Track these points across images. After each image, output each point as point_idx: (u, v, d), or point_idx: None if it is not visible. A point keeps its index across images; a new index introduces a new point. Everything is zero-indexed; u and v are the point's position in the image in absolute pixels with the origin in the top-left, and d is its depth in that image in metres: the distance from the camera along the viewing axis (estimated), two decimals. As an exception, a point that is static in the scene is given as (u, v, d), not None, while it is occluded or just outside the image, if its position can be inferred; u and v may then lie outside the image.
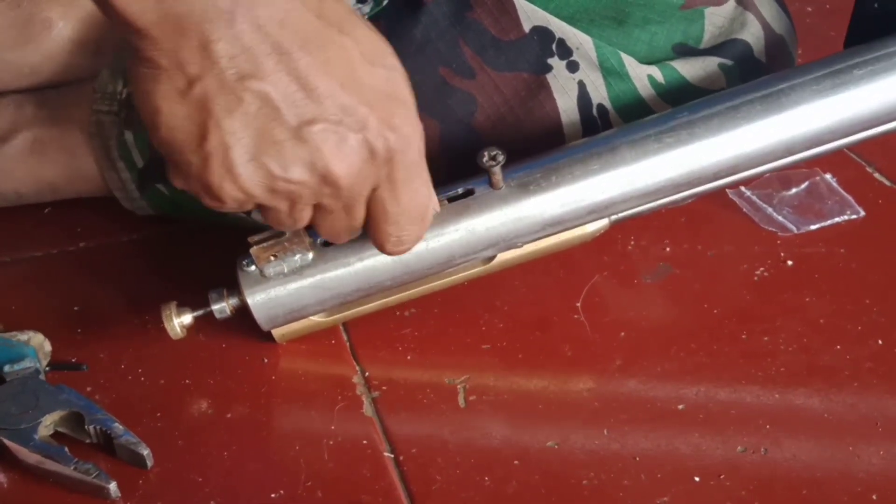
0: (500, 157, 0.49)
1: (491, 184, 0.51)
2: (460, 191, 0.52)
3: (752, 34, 0.62)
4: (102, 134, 0.61)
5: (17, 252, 0.63)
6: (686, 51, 0.61)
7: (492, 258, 0.52)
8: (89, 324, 0.56)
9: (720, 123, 0.52)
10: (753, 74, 0.61)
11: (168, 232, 0.65)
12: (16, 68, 0.65)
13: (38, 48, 0.65)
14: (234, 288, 0.50)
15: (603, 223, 0.53)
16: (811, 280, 0.59)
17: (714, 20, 0.62)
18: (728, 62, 0.61)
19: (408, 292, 0.53)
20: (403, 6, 0.62)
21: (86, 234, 0.64)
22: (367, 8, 0.63)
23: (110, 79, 0.61)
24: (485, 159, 0.49)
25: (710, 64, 0.61)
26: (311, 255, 0.49)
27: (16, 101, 0.64)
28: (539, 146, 0.58)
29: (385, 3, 0.63)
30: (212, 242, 0.62)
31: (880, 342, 0.54)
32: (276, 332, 0.52)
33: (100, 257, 0.63)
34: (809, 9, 0.95)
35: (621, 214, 0.53)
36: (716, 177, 0.52)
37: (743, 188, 0.66)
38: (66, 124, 0.63)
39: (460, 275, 0.53)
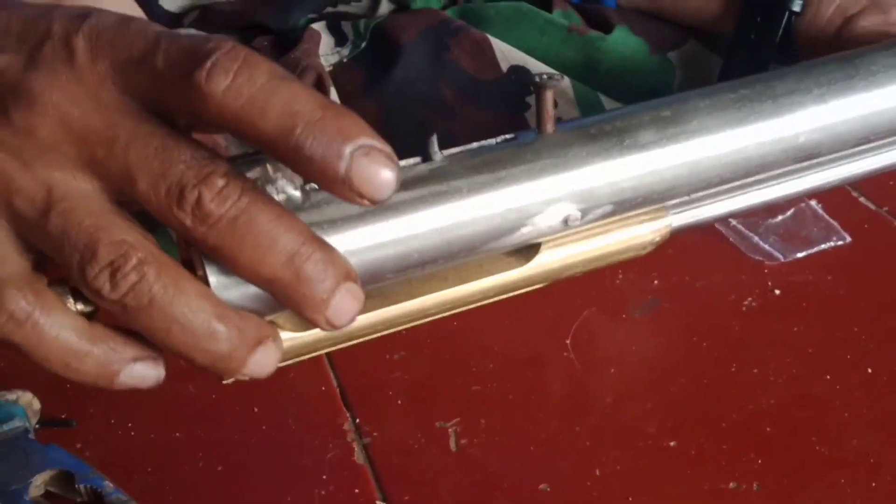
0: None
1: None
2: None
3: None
4: None
5: None
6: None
7: (533, 254, 0.38)
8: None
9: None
10: None
11: None
12: None
13: None
14: None
15: (665, 226, 0.41)
16: (799, 309, 0.59)
17: (681, 62, 0.64)
18: None
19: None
20: (382, 49, 0.63)
21: None
22: (346, 51, 0.64)
23: None
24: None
25: None
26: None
27: None
28: None
29: (363, 45, 0.64)
30: None
31: (870, 370, 0.54)
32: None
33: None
34: None
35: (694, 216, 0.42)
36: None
37: (730, 217, 0.66)
38: None
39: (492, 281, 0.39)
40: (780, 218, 0.67)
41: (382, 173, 0.25)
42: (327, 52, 0.63)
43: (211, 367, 0.28)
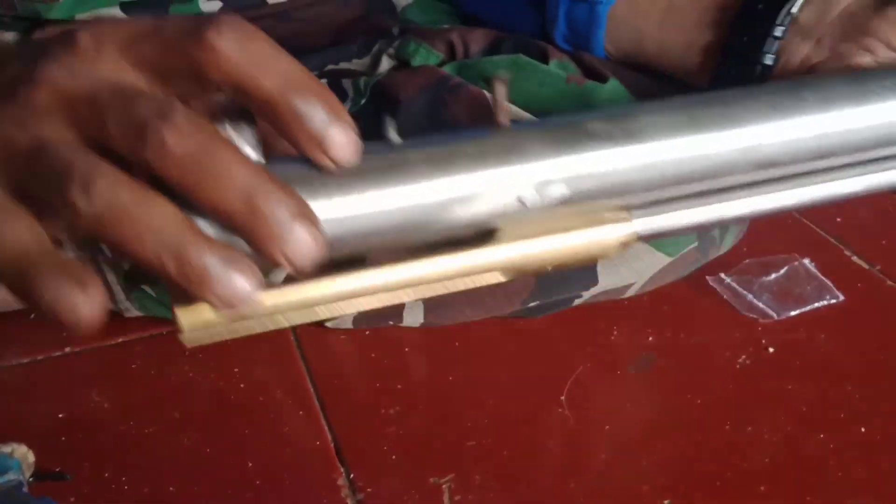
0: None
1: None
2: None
3: None
4: None
5: (2, 359, 0.63)
6: None
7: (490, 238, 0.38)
8: (74, 432, 0.56)
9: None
10: None
11: (155, 334, 0.65)
12: None
13: None
14: None
15: (629, 230, 0.40)
16: (793, 367, 0.60)
17: None
18: None
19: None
20: (381, 104, 0.63)
21: (72, 338, 0.64)
22: (346, 107, 0.64)
23: None
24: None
25: None
26: None
27: None
28: None
29: (363, 101, 0.64)
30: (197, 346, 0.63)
31: (863, 430, 0.54)
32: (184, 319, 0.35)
33: (86, 363, 0.63)
34: None
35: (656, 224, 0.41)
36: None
37: (722, 275, 0.67)
38: None
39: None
40: (773, 276, 0.67)
41: (353, 141, 0.30)
42: None
43: (184, 280, 0.29)
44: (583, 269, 0.63)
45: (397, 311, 0.62)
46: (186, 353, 0.62)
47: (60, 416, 0.57)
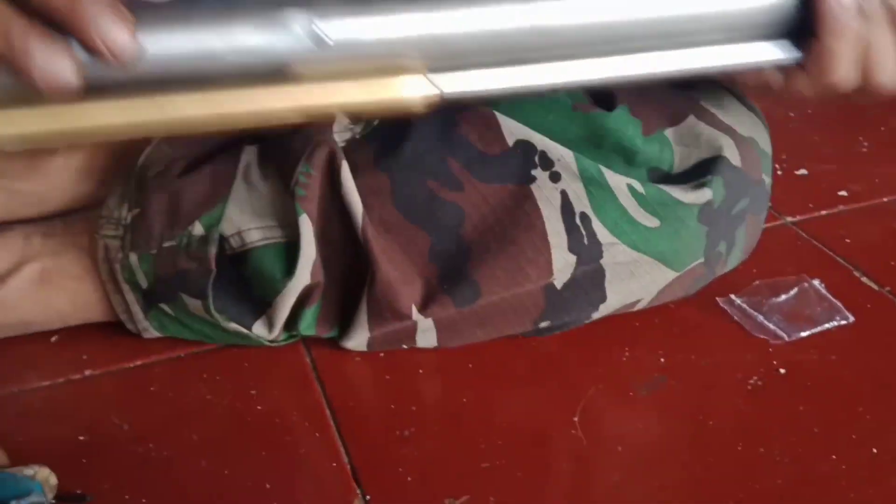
0: None
1: None
2: None
3: (731, 150, 0.64)
4: (108, 258, 0.62)
5: (24, 383, 0.63)
6: (660, 177, 0.64)
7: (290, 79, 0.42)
8: (94, 454, 0.56)
9: None
10: (734, 181, 0.63)
11: (172, 357, 0.65)
12: (23, 197, 0.66)
13: (45, 177, 0.66)
14: None
15: (432, 89, 0.44)
16: (804, 388, 0.60)
17: (677, 139, 0.64)
18: (708, 177, 0.63)
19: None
20: (393, 125, 0.64)
21: (92, 361, 0.64)
22: (358, 128, 0.65)
23: (116, 205, 0.62)
24: None
25: (702, 191, 0.63)
26: None
27: (23, 233, 0.65)
28: (526, 253, 0.60)
29: (376, 123, 0.65)
30: (215, 364, 0.63)
31: (875, 451, 0.54)
32: None
33: (106, 385, 0.63)
34: (792, 114, 0.98)
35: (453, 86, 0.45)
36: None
37: (733, 296, 0.67)
38: (73, 253, 0.64)
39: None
40: (783, 297, 0.67)
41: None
42: (341, 129, 0.64)
43: (10, 56, 0.36)
44: (592, 287, 0.63)
45: (410, 334, 0.62)
46: (204, 376, 0.62)
47: (81, 438, 0.57)
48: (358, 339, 0.63)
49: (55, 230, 0.65)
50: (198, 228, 0.60)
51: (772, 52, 0.48)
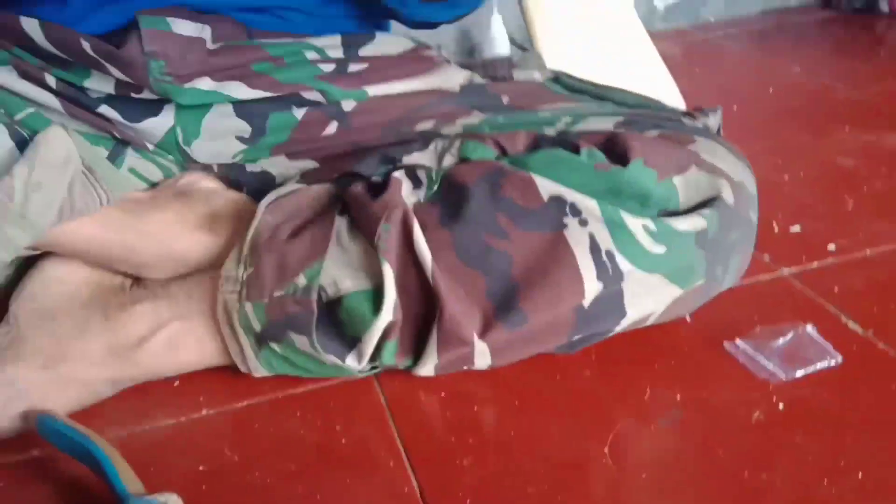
0: None
1: None
2: None
3: (726, 190, 0.66)
4: (227, 310, 0.64)
5: (154, 421, 0.64)
6: (668, 215, 0.65)
7: None
8: (212, 481, 0.57)
9: None
10: (727, 216, 0.65)
11: (271, 398, 0.66)
12: (179, 258, 0.70)
13: (198, 240, 0.69)
14: None
15: None
16: (800, 421, 0.59)
17: (683, 185, 0.65)
18: (706, 212, 0.64)
19: None
20: (450, 190, 0.65)
21: (207, 402, 0.65)
22: (422, 193, 0.66)
23: (234, 266, 0.64)
24: None
25: (695, 219, 0.64)
26: None
27: (152, 305, 0.66)
28: (562, 284, 0.61)
29: (436, 188, 0.67)
30: (306, 404, 0.64)
31: (860, 475, 0.53)
32: None
33: (219, 422, 0.64)
34: (786, 177, 0.97)
35: None
36: None
37: (737, 340, 0.66)
38: (196, 318, 0.66)
39: None
40: (781, 341, 0.66)
41: None
42: (407, 194, 0.65)
43: None
44: (614, 305, 0.63)
45: (470, 358, 0.63)
46: (297, 414, 0.63)
47: (201, 468, 0.58)
48: (428, 367, 0.64)
49: (176, 297, 0.67)
50: (302, 280, 0.62)
51: None
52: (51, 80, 0.71)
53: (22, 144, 0.62)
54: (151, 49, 0.70)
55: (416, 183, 0.66)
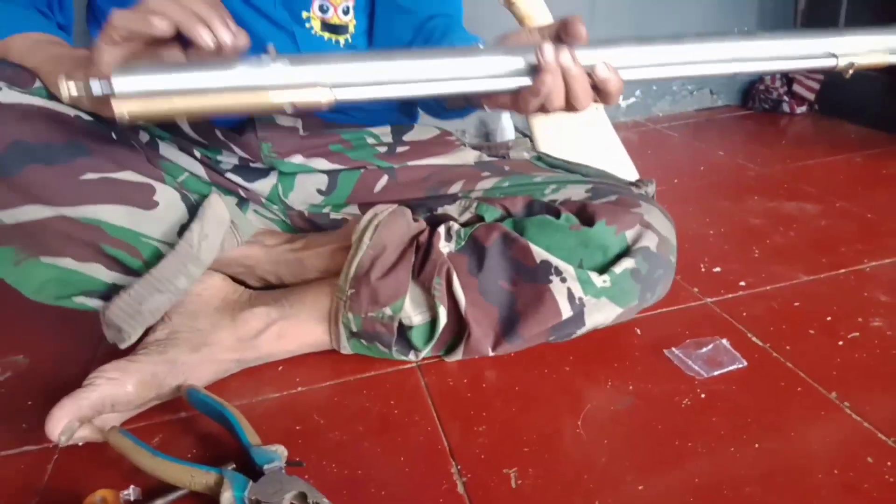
0: None
1: None
2: None
3: (653, 241, 0.68)
4: (336, 311, 0.67)
5: (265, 394, 0.66)
6: (621, 254, 0.67)
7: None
8: (306, 437, 0.59)
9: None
10: (653, 262, 0.67)
11: (347, 380, 0.67)
12: (303, 268, 0.72)
13: (318, 258, 0.72)
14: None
15: (330, 98, 0.50)
16: (716, 407, 0.60)
17: (631, 236, 0.67)
18: (638, 257, 0.67)
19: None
20: (475, 246, 0.67)
21: (302, 382, 0.67)
22: (453, 246, 0.68)
23: (343, 282, 0.67)
24: None
25: (630, 262, 0.66)
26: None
27: (265, 309, 0.68)
28: (547, 315, 0.65)
29: (463, 243, 0.68)
30: (370, 385, 0.66)
31: (757, 446, 0.55)
32: (118, 106, 0.46)
33: (310, 396, 0.66)
34: (711, 232, 0.97)
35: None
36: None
37: (674, 348, 0.68)
38: (303, 314, 0.68)
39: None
40: (704, 349, 0.67)
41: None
42: (444, 244, 0.67)
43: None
44: (578, 319, 0.66)
45: (484, 344, 0.66)
46: (364, 392, 0.65)
47: (297, 428, 0.61)
48: (455, 357, 0.67)
49: (288, 302, 0.69)
50: (388, 311, 0.66)
51: (516, 83, 0.53)
52: (197, 154, 0.73)
53: (191, 209, 0.66)
54: (263, 135, 0.72)
55: (449, 235, 0.69)
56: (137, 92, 0.46)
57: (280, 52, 0.49)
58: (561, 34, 0.53)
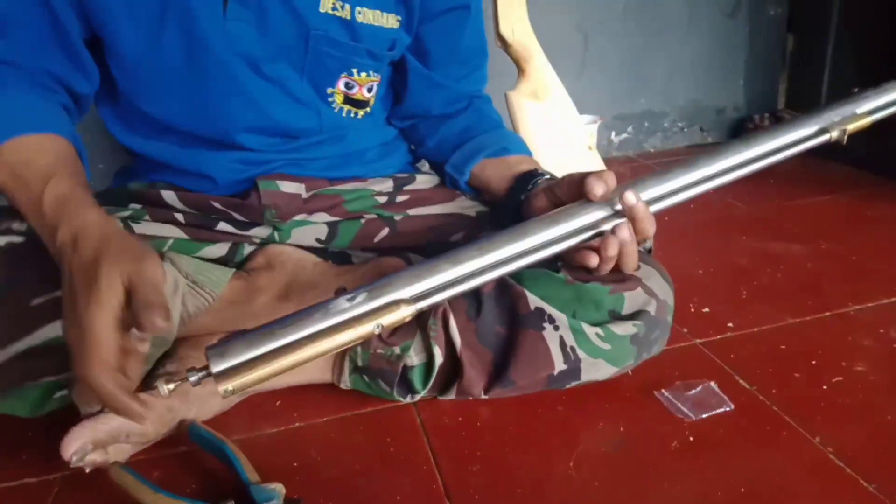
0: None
1: None
2: None
3: (653, 307, 0.68)
4: (344, 351, 0.68)
5: (262, 430, 0.66)
6: (616, 316, 0.67)
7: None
8: (303, 474, 0.60)
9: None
10: (651, 323, 0.67)
11: (345, 416, 0.68)
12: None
13: (284, 308, 0.68)
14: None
15: (413, 310, 0.53)
16: (704, 449, 0.61)
17: (629, 299, 0.67)
18: (639, 322, 0.67)
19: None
20: (476, 294, 0.68)
21: (300, 417, 0.68)
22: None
23: None
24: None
25: (630, 326, 0.67)
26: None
27: None
28: (539, 364, 0.65)
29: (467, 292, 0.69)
30: (367, 421, 0.66)
31: (742, 490, 0.56)
32: (220, 387, 0.49)
33: (307, 432, 0.66)
34: (700, 271, 0.99)
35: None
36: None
37: (663, 391, 0.69)
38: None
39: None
40: (692, 392, 0.68)
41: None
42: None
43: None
44: (572, 374, 0.66)
45: (476, 386, 0.67)
46: (361, 428, 0.66)
47: (294, 464, 0.61)
48: (449, 397, 0.69)
49: None
50: (397, 350, 0.67)
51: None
52: (178, 217, 0.71)
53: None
54: (267, 202, 0.71)
55: None
56: (236, 368, 0.49)
57: (301, 125, 0.49)
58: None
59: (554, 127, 1.20)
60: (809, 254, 1.04)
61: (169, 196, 0.73)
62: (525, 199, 0.70)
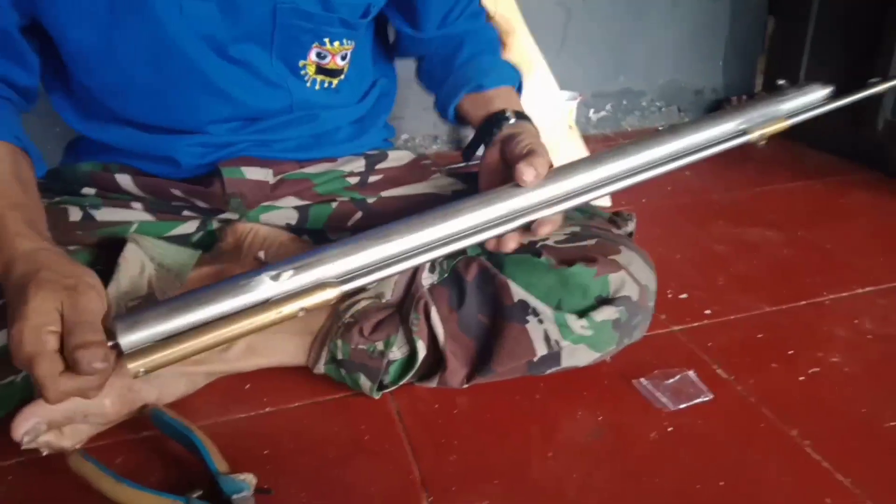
0: None
1: None
2: None
3: (635, 292, 0.67)
4: (328, 333, 0.66)
5: (231, 414, 0.65)
6: (602, 300, 0.67)
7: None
8: (273, 462, 0.59)
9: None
10: (633, 308, 0.66)
11: (317, 401, 0.67)
12: None
13: None
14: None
15: (339, 291, 0.51)
16: (683, 439, 0.61)
17: (613, 281, 0.67)
18: (621, 308, 0.66)
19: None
20: (457, 279, 0.67)
21: (270, 402, 0.66)
22: (435, 277, 0.68)
23: (339, 317, 0.66)
24: None
25: (612, 311, 0.66)
26: None
27: None
28: (521, 354, 0.64)
29: (447, 275, 0.68)
30: (342, 408, 0.65)
31: (721, 483, 0.57)
32: (129, 365, 0.46)
33: (279, 418, 0.65)
34: (678, 256, 0.99)
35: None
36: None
37: (642, 380, 0.69)
38: (278, 331, 0.63)
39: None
40: (671, 381, 0.68)
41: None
42: (427, 275, 0.67)
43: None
44: (552, 359, 0.66)
45: (458, 376, 0.66)
46: (335, 415, 0.65)
47: (265, 452, 0.60)
48: (429, 385, 0.67)
49: None
50: (379, 346, 0.65)
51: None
52: (137, 206, 0.70)
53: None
54: (231, 191, 0.69)
55: (433, 268, 0.69)
56: (147, 343, 0.45)
57: (272, 107, 0.47)
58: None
59: (534, 103, 1.18)
60: (785, 241, 1.04)
61: (125, 181, 0.70)
62: (486, 145, 0.69)
